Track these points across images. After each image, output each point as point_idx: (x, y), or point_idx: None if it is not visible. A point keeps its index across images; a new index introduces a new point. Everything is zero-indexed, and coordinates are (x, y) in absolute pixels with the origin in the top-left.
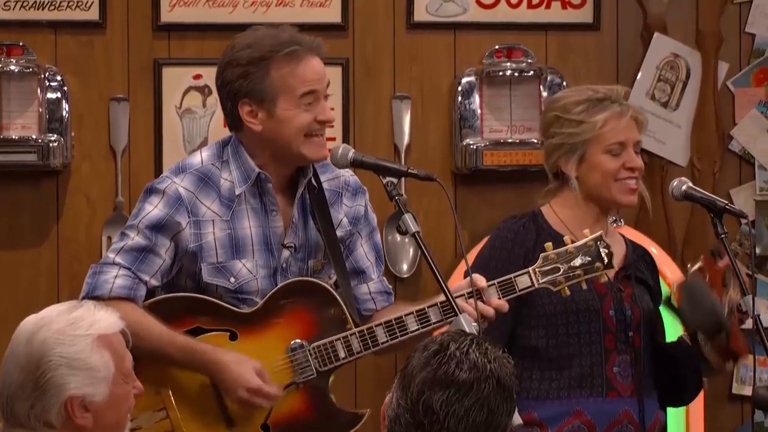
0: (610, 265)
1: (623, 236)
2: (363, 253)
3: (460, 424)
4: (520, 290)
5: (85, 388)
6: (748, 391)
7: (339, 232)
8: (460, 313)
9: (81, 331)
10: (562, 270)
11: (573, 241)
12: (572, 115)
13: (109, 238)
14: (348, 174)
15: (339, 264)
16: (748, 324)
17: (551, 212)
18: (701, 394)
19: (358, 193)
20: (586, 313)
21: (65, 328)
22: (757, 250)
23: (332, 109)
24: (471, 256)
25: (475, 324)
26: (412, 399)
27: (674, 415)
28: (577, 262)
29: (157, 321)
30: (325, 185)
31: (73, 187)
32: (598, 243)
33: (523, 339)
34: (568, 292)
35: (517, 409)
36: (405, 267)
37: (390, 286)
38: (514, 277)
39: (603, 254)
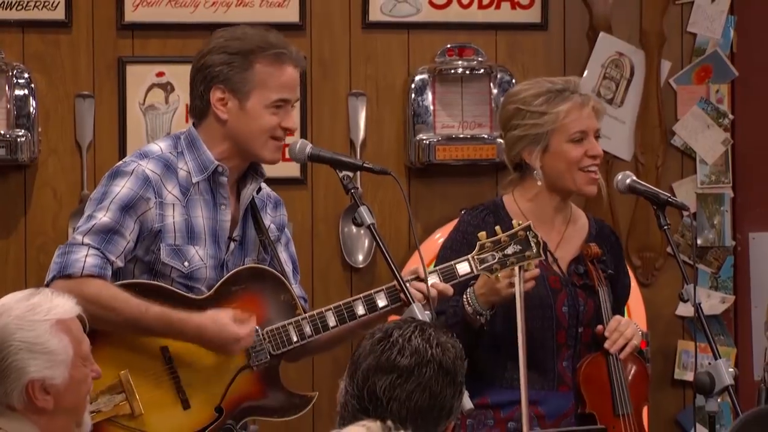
0: (539, 254)
1: (589, 217)
2: (284, 260)
3: (402, 408)
4: (460, 276)
5: (45, 371)
6: (689, 376)
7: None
8: (413, 302)
9: (39, 317)
10: (497, 257)
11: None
12: (534, 107)
13: (75, 229)
14: (268, 188)
15: (279, 261)
16: (690, 311)
17: (512, 202)
18: None
19: (278, 204)
20: (539, 309)
21: (24, 314)
22: (698, 241)
23: None
24: (424, 247)
25: (428, 312)
26: (358, 385)
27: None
28: (510, 250)
29: (130, 294)
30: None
31: (40, 181)
32: (528, 233)
33: (484, 332)
34: (500, 280)
35: (468, 394)
36: (360, 258)
37: (305, 293)
38: (455, 263)
39: (532, 243)
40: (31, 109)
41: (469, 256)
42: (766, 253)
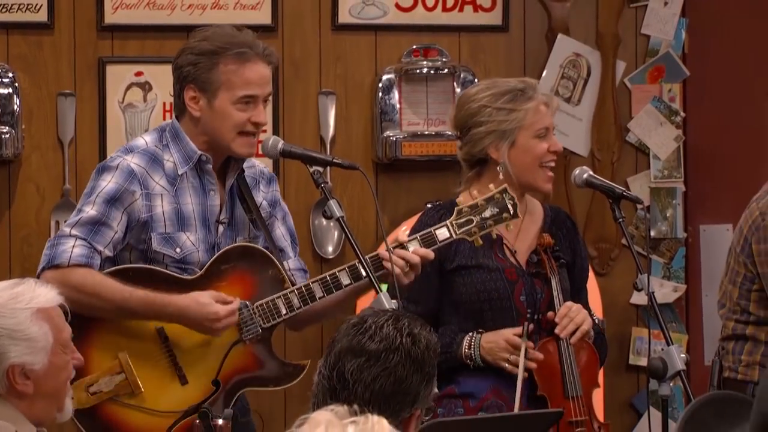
0: (516, 215)
1: (545, 206)
2: (281, 234)
3: (367, 391)
4: (440, 242)
5: (25, 357)
6: (643, 362)
7: (261, 214)
8: (380, 292)
9: (21, 305)
10: (475, 221)
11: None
12: (501, 104)
13: (57, 222)
14: (261, 165)
15: (270, 237)
16: (644, 300)
17: (469, 199)
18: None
19: (272, 180)
20: (498, 301)
21: (7, 303)
22: (652, 233)
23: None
24: (390, 238)
25: (395, 301)
26: (330, 367)
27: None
28: (488, 213)
29: (115, 281)
30: (245, 172)
31: (24, 176)
32: (504, 195)
33: (445, 323)
34: (480, 242)
35: (438, 389)
36: (330, 249)
37: (305, 265)
38: (434, 230)
39: (509, 205)
40: (15, 107)
41: (447, 221)
42: (716, 244)
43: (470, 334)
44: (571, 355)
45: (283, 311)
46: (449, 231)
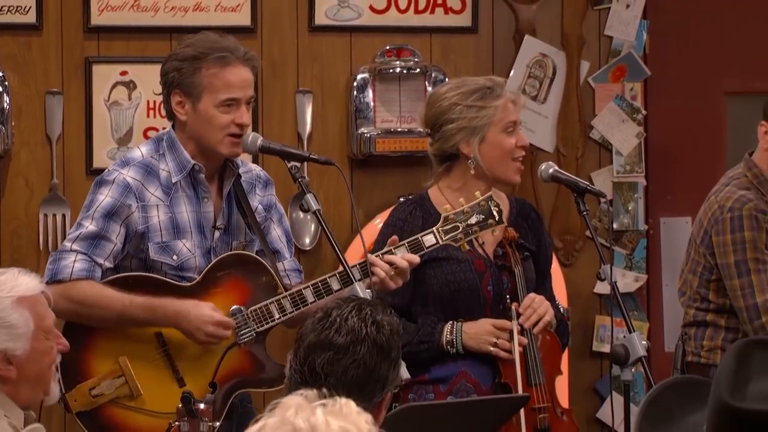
0: (500, 221)
1: (510, 199)
2: (276, 236)
3: (339, 383)
4: (426, 248)
5: (6, 343)
6: (606, 348)
7: (257, 218)
8: (356, 281)
9: (2, 294)
10: (461, 228)
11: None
12: (471, 101)
13: (45, 215)
14: (258, 169)
15: (264, 241)
16: (607, 289)
17: (438, 194)
18: (565, 352)
19: (268, 184)
20: (467, 291)
21: None
22: (614, 226)
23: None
24: (365, 231)
25: (369, 290)
26: (300, 361)
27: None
28: (473, 219)
29: (115, 290)
30: (242, 177)
31: (14, 171)
32: (489, 202)
33: (421, 315)
34: (467, 247)
35: (405, 365)
36: (307, 241)
37: (300, 266)
38: (421, 236)
39: (494, 212)
40: (5, 105)
41: (434, 228)
42: (676, 236)
43: (451, 322)
44: (534, 345)
45: (276, 315)
46: (435, 237)
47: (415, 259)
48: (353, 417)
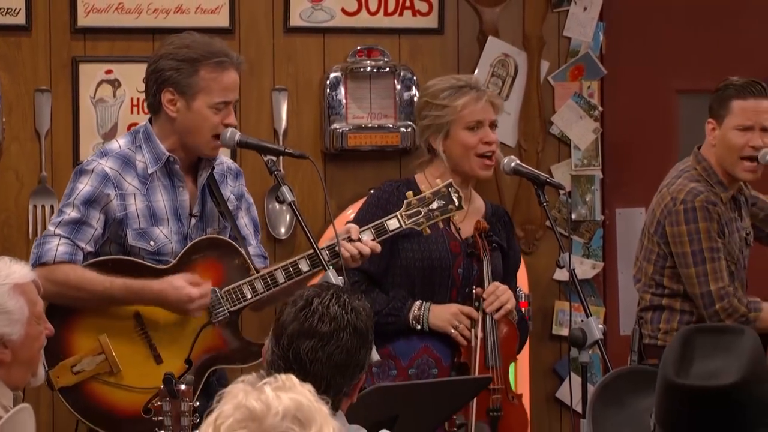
0: (460, 207)
1: (486, 202)
2: (244, 223)
3: (323, 368)
4: (390, 231)
5: (3, 329)
6: (565, 332)
7: (229, 206)
8: (328, 269)
9: None
10: (423, 212)
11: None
12: (439, 100)
13: (35, 206)
14: (229, 161)
15: (236, 228)
16: (566, 276)
17: (424, 179)
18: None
19: (238, 175)
20: (439, 270)
21: None
22: (573, 216)
23: None
24: (337, 221)
25: (341, 278)
26: (284, 348)
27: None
28: (435, 205)
29: (96, 273)
30: (215, 169)
31: (4, 165)
32: (450, 189)
33: (390, 285)
34: (428, 231)
35: (375, 347)
36: (283, 230)
37: (266, 252)
38: (385, 220)
39: (454, 198)
40: None
41: (397, 213)
42: (630, 226)
43: (420, 301)
44: (494, 329)
45: (249, 296)
46: (399, 221)
47: (377, 248)
48: (298, 389)
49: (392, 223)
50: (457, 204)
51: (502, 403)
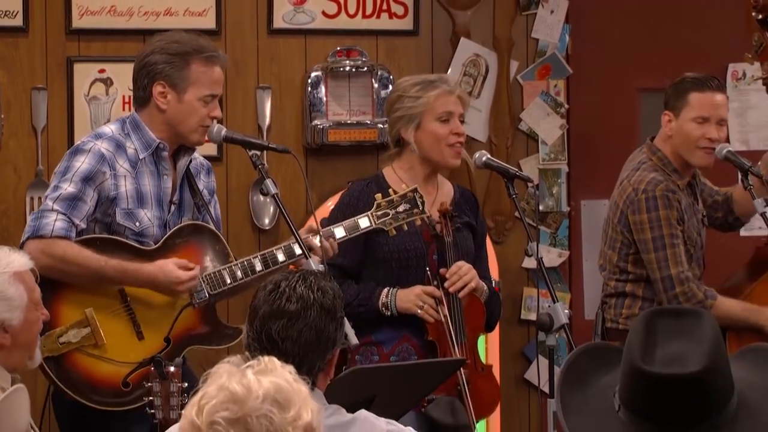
0: (423, 211)
1: (453, 185)
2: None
3: (295, 345)
4: (362, 228)
5: (4, 314)
6: (533, 317)
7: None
8: (309, 258)
9: (0, 269)
10: (390, 214)
11: (396, 193)
12: (411, 93)
13: (32, 198)
14: (201, 157)
15: (212, 218)
16: (533, 264)
17: (392, 172)
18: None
19: (210, 171)
20: (415, 259)
21: None
22: (540, 207)
23: None
24: (318, 212)
25: (321, 266)
26: (257, 330)
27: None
28: (401, 208)
29: (91, 251)
30: (191, 163)
31: (3, 159)
32: (415, 194)
33: (369, 277)
34: (394, 232)
35: (354, 332)
36: (267, 221)
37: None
38: (357, 219)
39: (418, 202)
40: None
41: (368, 212)
42: (595, 216)
43: (387, 288)
44: (459, 308)
45: (228, 281)
46: (369, 221)
47: (335, 247)
48: (279, 371)
49: (363, 221)
50: (421, 209)
51: (470, 376)
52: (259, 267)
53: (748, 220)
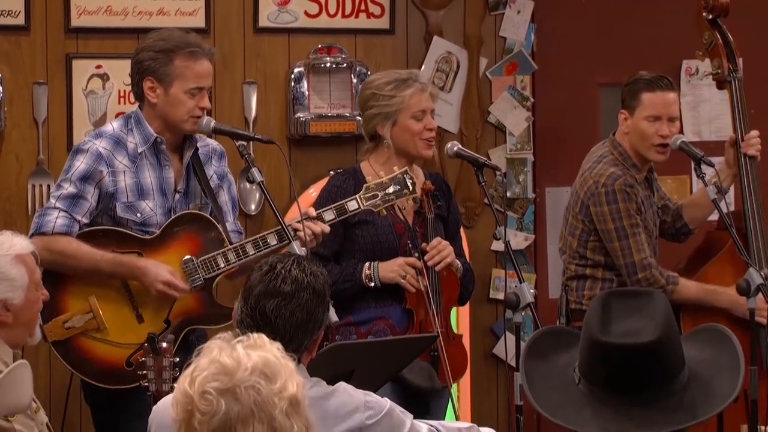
0: (413, 191)
1: (425, 173)
2: (224, 200)
3: (286, 324)
4: (350, 211)
5: (6, 294)
6: (501, 296)
7: (211, 184)
8: (293, 241)
9: (2, 252)
10: (380, 196)
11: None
12: (386, 91)
13: (33, 185)
14: (214, 143)
15: (216, 204)
16: (501, 247)
17: (368, 166)
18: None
19: (222, 156)
20: (387, 250)
21: None
22: (508, 194)
23: None
24: (301, 199)
25: (304, 249)
26: (251, 307)
27: (451, 313)
28: (390, 189)
29: (89, 246)
30: (200, 150)
31: (6, 149)
32: (405, 175)
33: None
34: (384, 212)
35: (335, 311)
36: (253, 207)
37: (242, 228)
38: (346, 202)
39: (408, 183)
40: None
41: (357, 195)
42: (558, 203)
43: (368, 262)
44: (436, 280)
45: (222, 264)
46: (358, 203)
47: (326, 229)
48: (267, 347)
49: (352, 204)
50: (411, 188)
51: (443, 344)
52: (251, 251)
53: (695, 228)
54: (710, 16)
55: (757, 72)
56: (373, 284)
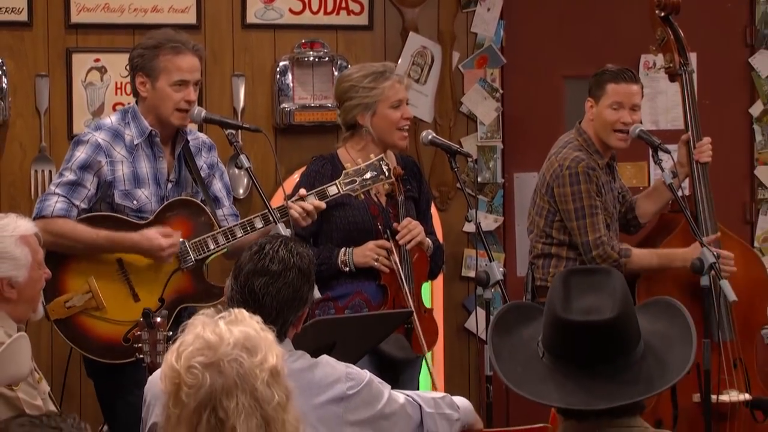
0: (389, 177)
1: (397, 156)
2: (218, 188)
3: (273, 301)
4: (330, 196)
5: (11, 272)
6: (472, 274)
7: (202, 174)
8: (278, 223)
9: (7, 233)
10: (358, 181)
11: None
12: (365, 83)
13: (35, 171)
14: (204, 136)
15: (206, 192)
16: (473, 228)
17: (345, 153)
18: (440, 275)
19: (212, 148)
20: (363, 231)
21: None
22: (479, 179)
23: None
24: (286, 184)
25: (289, 230)
26: (241, 284)
27: (423, 289)
28: (368, 175)
29: (85, 226)
30: (190, 143)
31: (10, 137)
32: (381, 162)
33: (326, 244)
34: (362, 197)
35: (317, 288)
36: (241, 191)
37: (238, 211)
38: (326, 187)
39: (384, 169)
40: (3, 85)
41: (336, 181)
42: (525, 187)
43: (343, 248)
44: (407, 258)
45: (211, 246)
46: (337, 188)
47: (322, 204)
48: (248, 321)
49: (332, 189)
50: (387, 174)
51: (416, 317)
52: (239, 233)
53: (645, 223)
54: (662, 14)
55: (711, 65)
56: (348, 269)
